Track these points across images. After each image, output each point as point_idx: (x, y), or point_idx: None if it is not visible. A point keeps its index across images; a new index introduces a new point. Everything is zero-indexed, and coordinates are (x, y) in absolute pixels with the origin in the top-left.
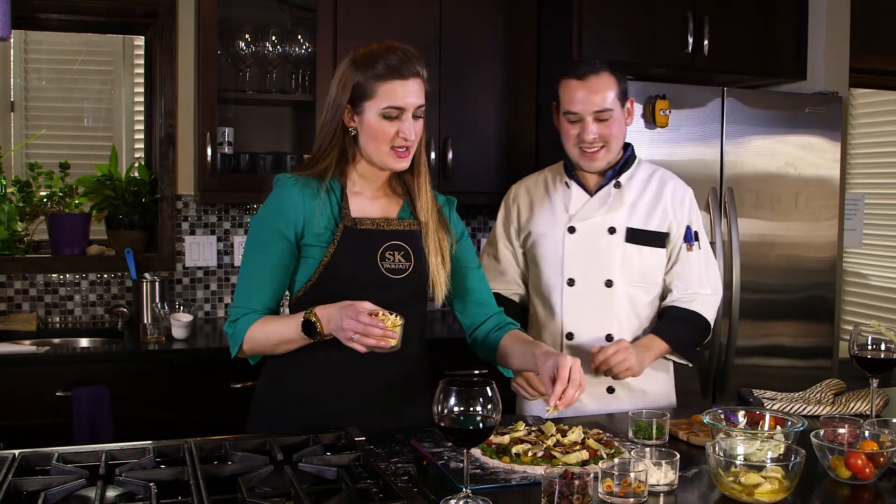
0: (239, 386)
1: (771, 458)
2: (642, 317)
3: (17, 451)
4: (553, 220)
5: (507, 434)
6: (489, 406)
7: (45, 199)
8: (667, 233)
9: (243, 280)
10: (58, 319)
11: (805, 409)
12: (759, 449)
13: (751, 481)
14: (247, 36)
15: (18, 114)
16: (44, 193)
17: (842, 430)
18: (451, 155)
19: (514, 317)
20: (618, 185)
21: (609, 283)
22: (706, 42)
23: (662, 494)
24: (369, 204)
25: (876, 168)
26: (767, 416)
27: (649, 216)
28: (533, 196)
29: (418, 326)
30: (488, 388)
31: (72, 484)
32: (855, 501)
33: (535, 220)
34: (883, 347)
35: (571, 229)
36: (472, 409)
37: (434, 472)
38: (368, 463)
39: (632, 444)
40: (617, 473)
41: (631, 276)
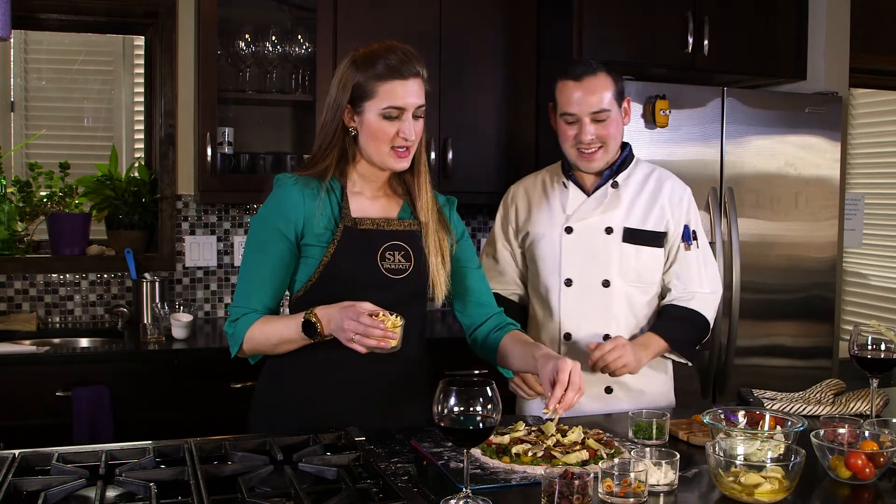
0: (239, 386)
1: (771, 458)
2: (640, 317)
3: (17, 451)
4: (550, 221)
5: (507, 434)
6: (489, 406)
7: (45, 199)
8: (664, 232)
9: (243, 280)
10: (58, 319)
11: (805, 409)
12: (759, 449)
13: (751, 481)
14: (247, 36)
15: (18, 114)
16: (44, 193)
17: (842, 430)
18: (451, 155)
19: (513, 317)
20: (615, 185)
21: (606, 283)
22: (706, 42)
23: (662, 494)
24: (369, 204)
25: (876, 168)
26: (767, 416)
27: (647, 216)
28: (531, 196)
29: (418, 326)
30: (488, 388)
31: (72, 484)
32: (855, 501)
33: (533, 221)
34: (883, 347)
35: (569, 229)
36: (472, 409)
37: (434, 472)
38: (368, 463)
39: (632, 444)
40: (617, 473)
41: (628, 275)
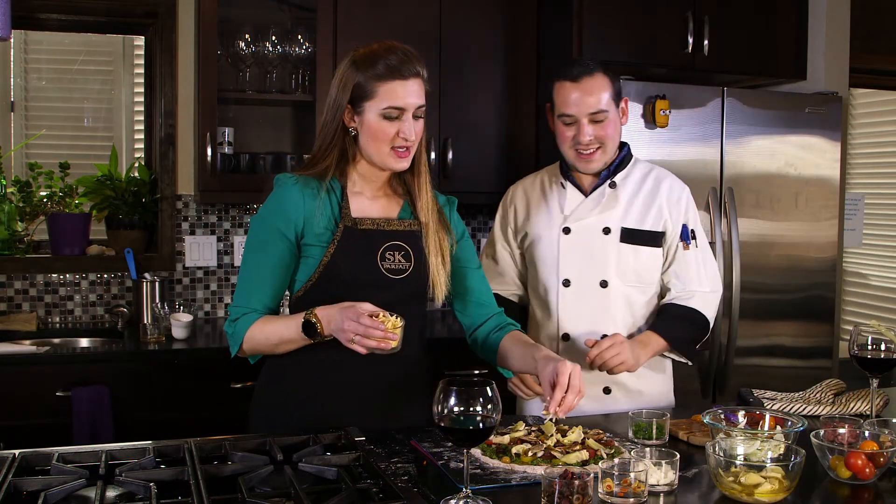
0: (239, 386)
1: (771, 458)
2: (639, 317)
3: (17, 451)
4: (549, 221)
5: (507, 434)
6: (489, 406)
7: (45, 199)
8: (662, 232)
9: (243, 280)
10: (58, 319)
11: (805, 409)
12: (759, 449)
13: (751, 481)
14: (247, 36)
15: (18, 114)
16: (44, 193)
17: (842, 430)
18: (451, 155)
19: (513, 317)
20: (613, 185)
21: (604, 283)
22: (706, 42)
23: (662, 494)
24: (370, 204)
25: (876, 168)
26: (767, 416)
27: (644, 215)
28: (530, 197)
29: (418, 326)
30: (488, 388)
31: (72, 484)
32: (855, 501)
33: (532, 221)
34: (883, 347)
35: (566, 230)
36: (472, 409)
37: (434, 472)
38: (368, 463)
39: (632, 444)
40: (617, 473)
41: (626, 276)
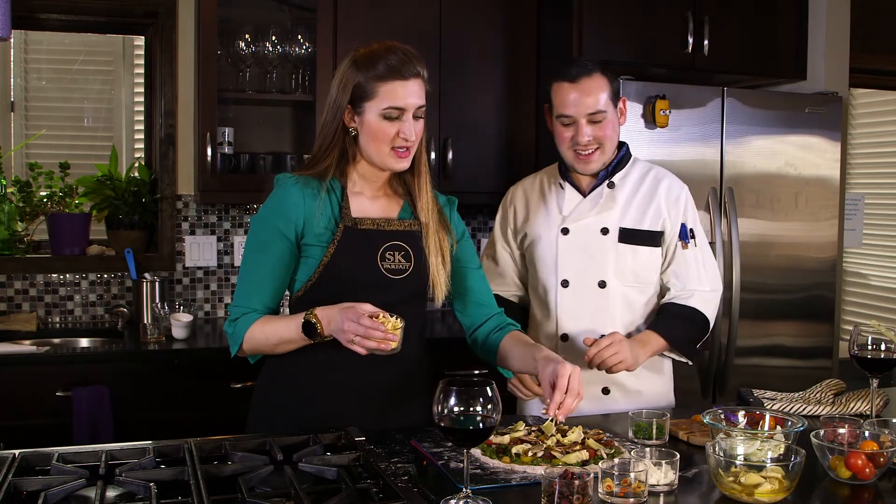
0: (239, 386)
1: (771, 458)
2: (638, 317)
3: (17, 451)
4: (547, 222)
5: (507, 434)
6: (489, 406)
7: (45, 199)
8: (661, 231)
9: (243, 279)
10: (58, 319)
11: (805, 409)
12: (759, 449)
13: (751, 481)
14: (247, 36)
15: (18, 114)
16: (44, 193)
17: (842, 430)
18: (451, 155)
19: (514, 318)
20: (611, 185)
21: (602, 283)
22: (706, 42)
23: (662, 494)
24: (370, 204)
25: (876, 168)
26: (767, 416)
27: (643, 215)
28: (529, 198)
29: (418, 326)
30: (488, 388)
31: (72, 484)
32: (855, 501)
33: (531, 222)
34: (883, 347)
35: (565, 230)
36: (472, 409)
37: (434, 472)
38: (368, 463)
39: (632, 444)
40: (617, 473)
41: (625, 276)
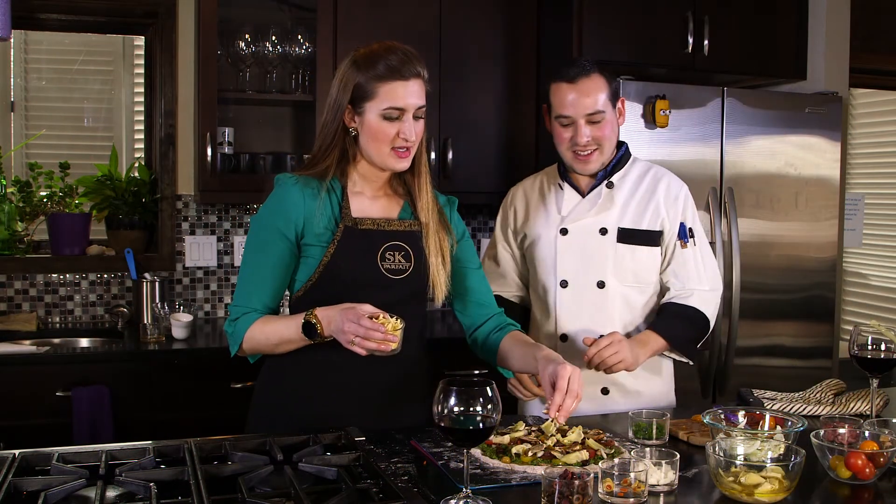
0: (239, 386)
1: (771, 458)
2: (638, 317)
3: (17, 451)
4: (547, 223)
5: (507, 434)
6: (489, 406)
7: (45, 199)
8: (660, 231)
9: (243, 279)
10: (58, 319)
11: (805, 409)
12: (759, 449)
13: (751, 481)
14: (247, 36)
15: (18, 114)
16: (44, 193)
17: (842, 430)
18: (451, 155)
19: (515, 318)
20: (610, 185)
21: (601, 284)
22: (706, 42)
23: (662, 494)
24: (370, 204)
25: (876, 168)
26: (767, 416)
27: (642, 215)
28: (529, 198)
29: (418, 327)
30: (488, 388)
31: (72, 484)
32: (855, 501)
33: (531, 223)
34: (883, 347)
35: (563, 231)
36: (472, 409)
37: (434, 472)
38: (368, 463)
39: (632, 444)
40: (617, 473)
41: (624, 276)
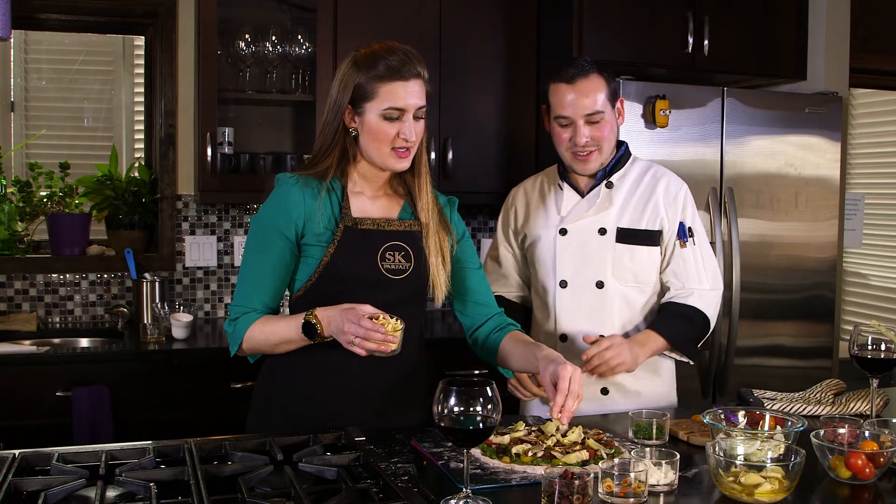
0: (239, 386)
1: (771, 458)
2: (638, 317)
3: (17, 451)
4: (546, 223)
5: (507, 434)
6: (489, 406)
7: (45, 199)
8: (659, 230)
9: (243, 279)
10: (58, 319)
11: (805, 409)
12: (759, 449)
13: (751, 481)
14: (247, 36)
15: (18, 114)
16: (44, 193)
17: (842, 430)
18: (451, 155)
19: (516, 318)
20: (609, 185)
21: (600, 284)
22: (706, 42)
23: (662, 494)
24: (370, 204)
25: (876, 168)
26: (767, 416)
27: (641, 214)
28: (529, 199)
29: (418, 327)
30: (488, 388)
31: (72, 484)
32: (855, 501)
33: (531, 223)
34: (883, 347)
35: (563, 231)
36: (472, 409)
37: (434, 472)
38: (368, 463)
39: (632, 444)
40: (617, 473)
41: (624, 276)
